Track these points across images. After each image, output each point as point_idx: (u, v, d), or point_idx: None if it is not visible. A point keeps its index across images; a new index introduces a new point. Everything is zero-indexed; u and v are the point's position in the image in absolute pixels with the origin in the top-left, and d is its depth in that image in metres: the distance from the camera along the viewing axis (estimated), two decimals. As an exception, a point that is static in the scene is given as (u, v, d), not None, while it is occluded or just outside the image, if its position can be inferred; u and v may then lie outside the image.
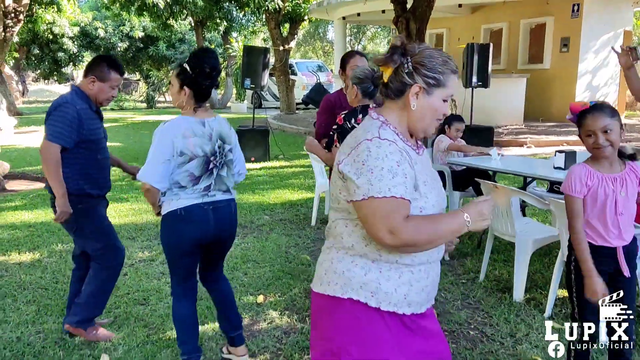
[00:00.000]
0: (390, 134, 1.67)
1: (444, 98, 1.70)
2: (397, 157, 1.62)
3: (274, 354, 3.10)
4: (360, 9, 15.03)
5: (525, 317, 3.50)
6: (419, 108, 1.69)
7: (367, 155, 1.61)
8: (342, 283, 1.70)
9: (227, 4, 21.11)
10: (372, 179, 1.59)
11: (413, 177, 1.65)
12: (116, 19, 30.13)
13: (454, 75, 1.70)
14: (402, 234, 1.57)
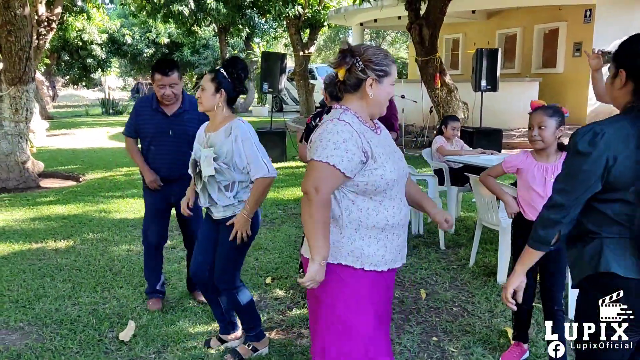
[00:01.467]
0: (349, 117, 2.08)
1: (391, 83, 2.15)
2: (345, 136, 2.01)
3: (278, 324, 3.54)
4: (377, 15, 15.43)
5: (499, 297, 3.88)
6: (375, 95, 2.10)
7: (324, 130, 2.06)
8: (332, 252, 2.08)
9: (249, 11, 21.72)
10: (319, 147, 2.02)
11: (360, 156, 2.03)
12: (143, 26, 31.02)
13: (394, 65, 2.14)
14: (320, 194, 1.99)
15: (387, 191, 2.13)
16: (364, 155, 2.05)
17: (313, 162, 2.03)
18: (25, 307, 3.75)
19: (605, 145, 1.67)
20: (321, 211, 2.01)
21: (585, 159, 1.70)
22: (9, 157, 8.34)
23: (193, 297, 3.87)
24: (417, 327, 3.46)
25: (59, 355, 3.08)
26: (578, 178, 1.72)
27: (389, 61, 2.12)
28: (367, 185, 2.06)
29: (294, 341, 3.29)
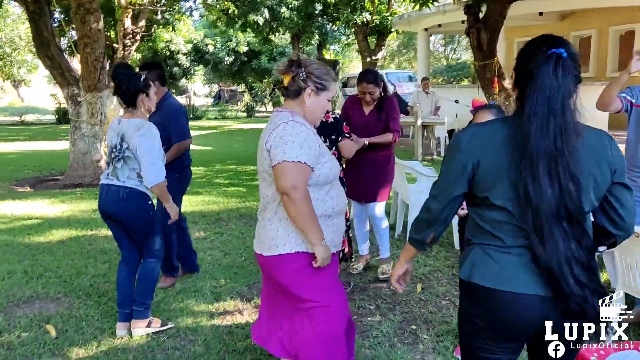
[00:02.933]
0: (299, 118, 2.36)
1: (327, 99, 2.41)
2: (305, 135, 2.28)
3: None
4: (441, 20, 15.42)
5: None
6: (311, 105, 2.36)
7: (284, 132, 2.26)
8: (291, 241, 2.32)
9: (319, 19, 22.29)
10: (286, 148, 2.22)
11: (318, 149, 2.31)
12: (224, 36, 32.51)
13: (334, 82, 2.41)
14: (299, 191, 2.21)
15: (333, 182, 2.42)
16: (319, 150, 2.33)
17: (285, 164, 2.21)
18: (67, 282, 4.34)
19: (473, 148, 1.68)
20: (305, 204, 2.23)
21: (453, 160, 1.73)
22: (85, 156, 9.28)
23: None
24: (400, 315, 3.69)
25: (80, 321, 3.60)
26: (447, 179, 1.75)
27: (329, 77, 2.38)
28: (320, 177, 2.33)
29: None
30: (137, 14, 16.82)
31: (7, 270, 4.58)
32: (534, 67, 1.62)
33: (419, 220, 1.85)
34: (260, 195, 2.44)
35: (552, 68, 1.59)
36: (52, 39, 9.70)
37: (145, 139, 3.22)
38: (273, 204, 2.36)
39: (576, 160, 1.58)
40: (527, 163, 1.58)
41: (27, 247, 5.27)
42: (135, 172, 3.28)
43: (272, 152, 2.26)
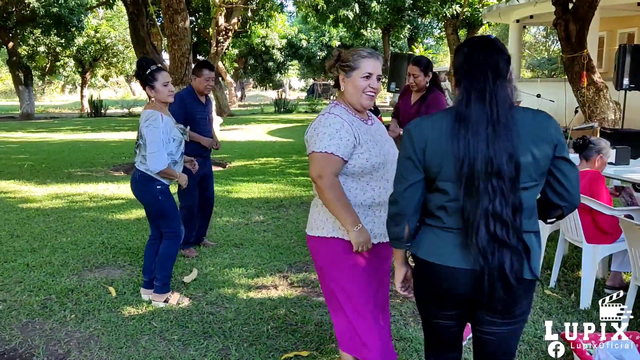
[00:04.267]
0: (339, 110, 2.39)
1: (361, 76, 2.36)
2: (337, 127, 2.32)
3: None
4: (532, 11, 14.91)
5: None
6: (347, 88, 2.40)
7: (318, 124, 2.37)
8: (329, 227, 2.42)
9: (409, 12, 22.21)
10: (317, 139, 2.32)
11: (352, 140, 2.33)
12: (317, 31, 33.20)
13: (365, 59, 2.35)
14: (324, 180, 2.30)
15: (373, 173, 2.41)
16: (355, 140, 2.36)
17: (314, 154, 2.32)
18: (134, 253, 4.90)
19: (419, 137, 1.82)
20: (332, 192, 2.31)
21: (406, 145, 1.86)
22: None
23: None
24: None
25: (137, 286, 4.09)
26: (401, 164, 1.88)
27: (357, 56, 2.36)
28: (355, 167, 2.36)
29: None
30: (230, 12, 17.71)
31: (88, 241, 5.24)
32: (463, 56, 1.82)
33: (389, 216, 1.92)
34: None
35: (477, 52, 1.79)
36: (147, 37, 10.61)
37: (150, 130, 3.53)
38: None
39: (512, 131, 1.72)
40: (467, 128, 1.73)
41: (108, 223, 5.95)
42: (145, 159, 3.61)
43: (307, 142, 2.42)
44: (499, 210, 1.69)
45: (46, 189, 7.92)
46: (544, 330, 3.31)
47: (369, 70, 2.37)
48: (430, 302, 1.94)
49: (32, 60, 28.05)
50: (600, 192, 3.64)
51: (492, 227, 1.69)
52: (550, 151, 1.79)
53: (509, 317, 1.86)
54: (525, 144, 1.74)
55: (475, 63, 1.78)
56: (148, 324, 3.47)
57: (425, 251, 1.86)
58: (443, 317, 1.95)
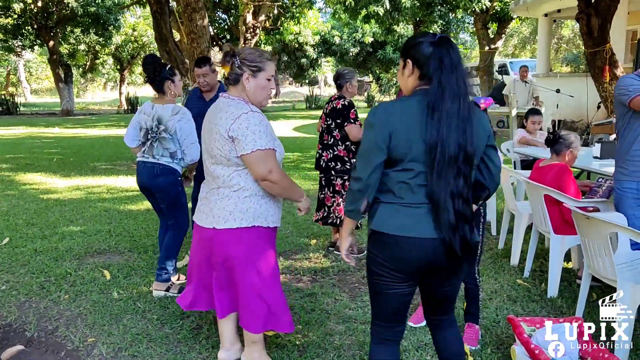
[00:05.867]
0: (255, 108, 2.54)
1: (267, 77, 2.55)
2: (266, 123, 2.52)
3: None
4: (560, 5, 14.67)
5: (498, 274, 4.17)
6: (251, 87, 2.53)
7: (248, 122, 2.44)
8: (249, 216, 2.57)
9: (438, 7, 22.04)
10: (256, 138, 2.43)
11: (274, 135, 2.57)
12: (351, 27, 33.22)
13: (270, 61, 2.56)
14: (275, 172, 2.49)
15: (280, 164, 2.62)
16: (274, 136, 2.58)
17: (259, 152, 2.43)
18: (136, 240, 5.20)
19: (389, 119, 1.98)
20: (285, 180, 2.55)
21: (372, 130, 2.01)
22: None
23: None
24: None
25: (131, 270, 4.38)
26: (367, 147, 2.02)
27: (263, 59, 2.54)
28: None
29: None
30: (258, 9, 18.04)
31: (96, 229, 5.58)
32: (430, 50, 2.00)
33: (352, 191, 2.08)
34: (213, 175, 2.62)
35: (445, 49, 2.00)
36: (170, 35, 10.96)
37: (185, 123, 3.72)
38: (229, 182, 2.56)
39: (472, 122, 1.98)
40: (441, 118, 1.94)
41: (119, 213, 6.29)
42: (168, 152, 3.76)
43: (240, 141, 2.43)
44: (462, 191, 1.96)
45: (69, 181, 8.37)
46: (504, 316, 3.45)
47: (272, 73, 2.57)
48: (389, 274, 2.10)
49: (72, 59, 29.11)
50: (567, 184, 3.72)
51: (458, 205, 1.95)
52: (485, 140, 2.10)
53: (455, 277, 2.14)
54: (476, 134, 2.01)
55: (450, 60, 1.98)
56: (133, 305, 3.74)
57: (389, 225, 2.03)
58: (401, 287, 2.12)
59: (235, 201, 2.56)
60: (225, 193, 2.58)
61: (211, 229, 2.61)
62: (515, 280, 4.08)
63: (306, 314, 3.58)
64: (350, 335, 3.27)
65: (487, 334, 3.26)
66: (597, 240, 2.97)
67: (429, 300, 2.27)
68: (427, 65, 2.00)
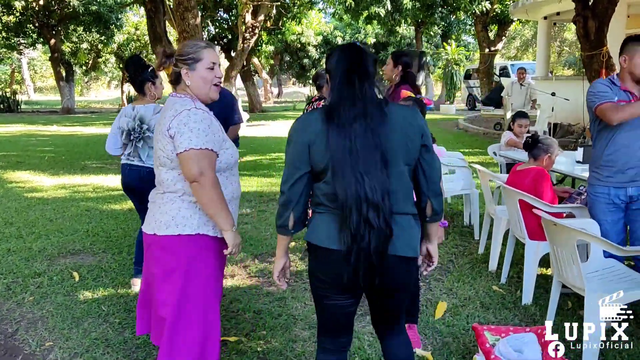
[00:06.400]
0: (201, 105, 2.36)
1: (207, 67, 2.34)
2: (208, 122, 2.31)
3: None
4: (559, 8, 14.55)
5: (474, 280, 4.07)
6: (192, 81, 2.35)
7: (187, 119, 2.25)
8: (193, 223, 2.34)
9: (439, 9, 21.96)
10: (192, 136, 2.23)
11: (221, 135, 2.37)
12: (352, 28, 33.16)
13: (206, 49, 2.35)
14: (207, 177, 2.24)
15: (233, 168, 2.47)
16: (222, 136, 2.39)
17: (192, 151, 2.21)
18: (112, 241, 5.13)
19: (306, 130, 1.94)
20: (215, 190, 2.26)
21: (290, 143, 1.98)
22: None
23: None
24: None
25: (102, 272, 4.30)
26: (288, 161, 1.98)
27: (198, 48, 2.35)
28: (222, 163, 2.37)
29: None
30: (257, 9, 17.97)
31: (74, 229, 5.51)
32: (333, 60, 1.99)
33: (279, 205, 2.01)
34: (159, 179, 2.43)
35: (346, 55, 1.97)
36: (164, 34, 10.92)
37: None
38: (174, 187, 2.37)
39: (384, 124, 1.89)
40: (337, 124, 1.88)
41: (101, 213, 6.23)
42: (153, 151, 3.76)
43: (176, 139, 2.25)
44: (370, 196, 1.83)
45: (56, 180, 8.32)
46: (477, 322, 3.37)
47: (213, 60, 2.38)
48: (325, 286, 2.03)
49: (74, 57, 29.13)
50: (544, 189, 3.63)
51: (365, 210, 1.83)
52: (419, 140, 1.97)
53: (389, 291, 2.02)
54: (398, 134, 1.91)
55: (345, 67, 1.95)
56: (97, 308, 3.66)
57: (315, 236, 1.97)
58: (336, 298, 2.05)
59: (179, 205, 2.36)
60: (170, 197, 2.38)
61: (152, 235, 2.41)
62: (491, 286, 3.99)
63: (272, 319, 3.50)
64: (314, 342, 3.18)
65: (454, 342, 3.17)
66: (565, 248, 2.88)
67: (372, 311, 2.18)
68: (331, 76, 1.99)
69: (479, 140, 13.13)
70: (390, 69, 4.50)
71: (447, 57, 24.34)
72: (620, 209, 3.18)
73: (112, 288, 3.99)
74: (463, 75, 25.71)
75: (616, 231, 3.25)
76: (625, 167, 3.13)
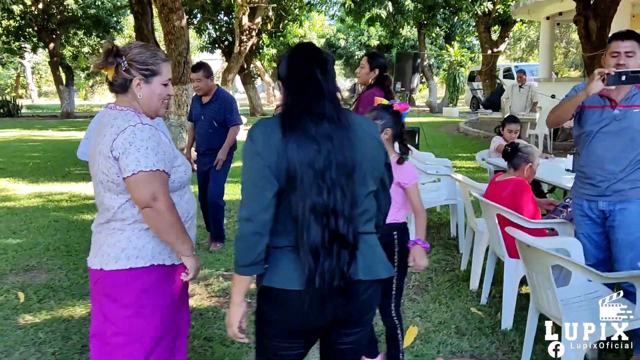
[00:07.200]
0: (147, 119, 2.03)
1: (163, 82, 2.06)
2: (156, 139, 1.99)
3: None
4: (561, 8, 14.15)
5: (452, 301, 3.72)
6: (144, 96, 2.04)
7: (133, 137, 1.94)
8: (146, 254, 2.04)
9: (441, 10, 21.60)
10: (139, 156, 1.92)
11: (171, 153, 2.06)
12: (356, 30, 32.86)
13: (166, 63, 2.08)
14: (161, 201, 1.95)
15: (186, 186, 2.20)
16: (173, 153, 2.10)
17: (142, 174, 1.92)
18: (71, 256, 4.80)
19: (267, 143, 1.62)
20: (171, 215, 2.00)
21: (252, 159, 1.64)
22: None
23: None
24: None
25: (50, 291, 3.99)
26: (253, 182, 1.63)
27: (158, 59, 2.05)
28: (175, 182, 2.10)
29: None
30: (254, 12, 17.71)
31: (35, 243, 5.20)
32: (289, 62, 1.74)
33: (243, 238, 1.64)
34: (103, 206, 2.07)
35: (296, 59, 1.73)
36: (152, 37, 10.62)
37: None
38: (122, 215, 2.04)
39: (349, 129, 1.65)
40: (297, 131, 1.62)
41: (69, 224, 5.92)
42: None
43: (122, 161, 1.95)
44: (339, 208, 1.59)
45: (33, 187, 8.03)
46: (446, 353, 3.04)
47: (169, 76, 2.11)
48: (274, 330, 1.73)
49: (75, 61, 29.00)
50: (524, 202, 3.27)
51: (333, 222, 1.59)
52: (382, 157, 1.78)
53: (354, 324, 1.77)
54: (363, 144, 1.69)
55: (300, 69, 1.71)
56: (33, 335, 3.33)
57: (274, 277, 1.66)
58: (294, 347, 1.77)
59: (129, 235, 2.04)
60: (118, 226, 2.05)
61: (98, 270, 2.07)
62: (469, 308, 3.64)
63: (224, 347, 3.17)
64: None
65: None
66: (539, 273, 2.53)
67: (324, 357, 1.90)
68: (284, 79, 1.74)
69: (479, 144, 12.73)
70: (366, 72, 4.18)
71: (450, 59, 23.93)
72: (597, 223, 2.85)
73: (56, 311, 3.67)
74: (467, 77, 25.32)
75: (595, 246, 2.91)
76: (597, 179, 2.81)
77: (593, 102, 2.81)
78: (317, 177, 1.58)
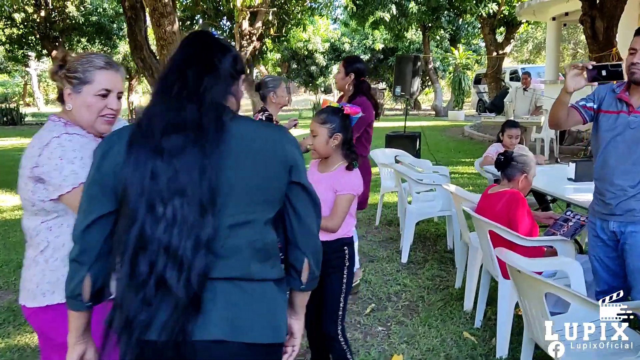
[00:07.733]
0: (76, 129, 1.79)
1: (95, 93, 1.78)
2: (90, 147, 1.66)
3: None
4: (567, 8, 13.83)
5: (444, 323, 3.40)
6: (75, 107, 1.80)
7: (62, 150, 1.70)
8: (59, 289, 1.69)
9: (446, 12, 21.28)
10: (75, 168, 1.69)
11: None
12: (360, 34, 32.60)
13: (101, 70, 1.79)
14: None
15: None
16: None
17: (83, 186, 1.48)
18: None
19: (109, 155, 1.36)
20: None
21: (91, 171, 1.39)
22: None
23: None
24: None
25: (11, 314, 3.71)
26: (87, 196, 1.37)
27: (91, 67, 1.79)
28: None
29: None
30: (254, 17, 17.49)
31: (5, 260, 4.95)
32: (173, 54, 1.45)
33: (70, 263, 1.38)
34: (23, 229, 1.86)
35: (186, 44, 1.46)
36: (145, 42, 10.39)
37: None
38: (37, 238, 1.79)
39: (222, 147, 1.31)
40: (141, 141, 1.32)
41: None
42: None
43: (54, 178, 1.69)
44: (174, 244, 1.24)
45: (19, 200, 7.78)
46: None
47: (107, 86, 1.80)
48: None
49: (78, 68, 28.97)
50: (520, 217, 2.95)
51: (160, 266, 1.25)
52: (285, 174, 1.42)
53: None
54: (242, 162, 1.34)
55: (179, 59, 1.42)
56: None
57: None
58: None
59: (42, 268, 1.77)
60: (32, 256, 1.81)
61: (22, 306, 1.83)
62: (462, 332, 3.32)
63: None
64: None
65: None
66: (532, 301, 2.21)
67: None
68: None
69: (483, 149, 12.32)
70: (342, 77, 3.88)
71: (456, 62, 23.59)
72: (609, 245, 2.52)
73: (12, 338, 3.40)
74: (473, 80, 24.98)
75: (607, 271, 2.59)
76: (607, 195, 2.50)
77: (610, 106, 2.50)
78: (151, 203, 1.26)
